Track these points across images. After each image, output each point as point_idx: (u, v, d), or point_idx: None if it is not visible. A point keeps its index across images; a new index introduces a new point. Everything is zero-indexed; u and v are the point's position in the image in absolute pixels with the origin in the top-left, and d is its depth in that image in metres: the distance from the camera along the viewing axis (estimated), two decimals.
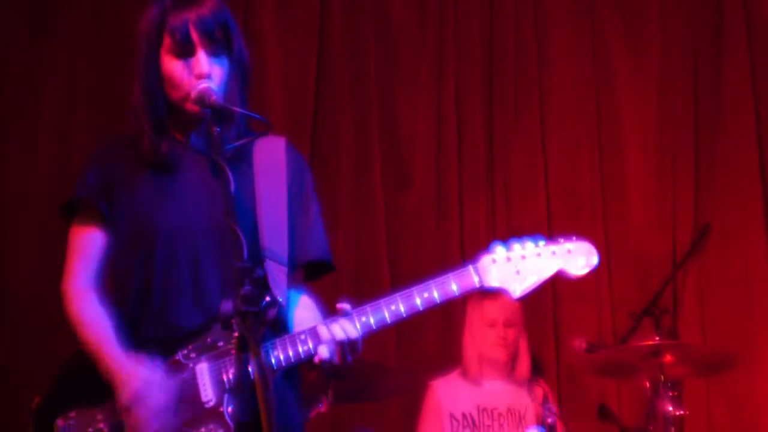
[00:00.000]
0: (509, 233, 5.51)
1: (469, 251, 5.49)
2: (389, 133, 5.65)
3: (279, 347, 2.59)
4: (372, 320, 2.60)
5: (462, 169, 5.57)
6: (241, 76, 2.71)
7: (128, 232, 2.70)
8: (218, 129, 2.53)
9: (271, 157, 2.77)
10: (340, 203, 5.51)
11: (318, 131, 5.61)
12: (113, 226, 2.71)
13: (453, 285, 2.62)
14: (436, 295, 2.62)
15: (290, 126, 5.50)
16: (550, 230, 5.43)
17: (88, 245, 2.73)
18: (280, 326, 2.67)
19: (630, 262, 5.35)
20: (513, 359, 4.62)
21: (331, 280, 2.99)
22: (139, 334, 2.63)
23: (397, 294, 2.63)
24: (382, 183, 5.58)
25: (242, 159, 2.72)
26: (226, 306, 2.24)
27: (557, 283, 5.46)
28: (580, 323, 5.24)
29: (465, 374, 4.66)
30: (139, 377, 2.54)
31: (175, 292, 2.64)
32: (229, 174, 2.42)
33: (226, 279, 2.50)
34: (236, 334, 2.26)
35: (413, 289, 2.63)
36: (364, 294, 5.35)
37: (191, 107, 2.63)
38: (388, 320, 2.61)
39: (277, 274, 2.66)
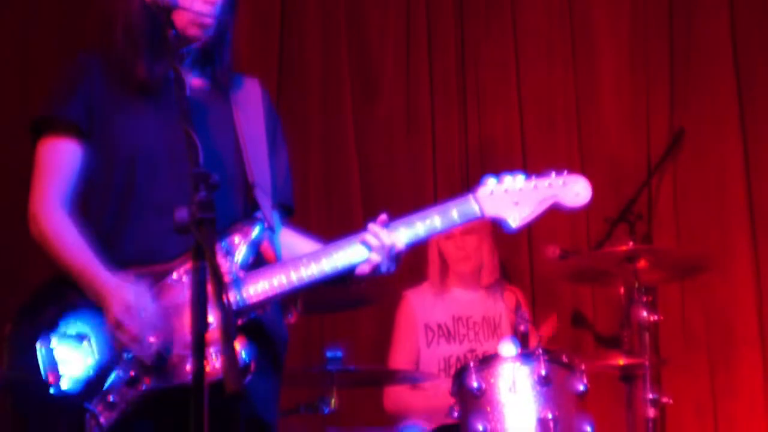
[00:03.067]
0: (481, 144, 5.50)
1: (441, 163, 5.46)
2: (358, 43, 5.55)
3: (277, 271, 2.54)
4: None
5: (433, 79, 5.49)
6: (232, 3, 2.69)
7: (106, 152, 2.61)
8: (174, 31, 2.51)
9: (248, 97, 2.75)
10: (308, 116, 5.43)
11: (285, 42, 5.51)
12: (90, 142, 2.62)
13: (454, 213, 2.62)
14: (438, 222, 2.61)
15: (257, 33, 5.41)
16: (524, 141, 5.40)
17: (61, 160, 2.62)
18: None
19: (604, 169, 5.30)
20: (478, 269, 4.57)
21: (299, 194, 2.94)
22: (116, 258, 2.53)
23: (399, 221, 2.60)
24: (351, 95, 5.50)
25: (221, 94, 2.70)
26: (181, 213, 2.15)
27: None
28: (553, 231, 5.21)
29: (439, 282, 4.62)
30: (130, 290, 2.46)
31: (155, 214, 2.55)
32: (185, 79, 2.37)
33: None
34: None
35: (414, 216, 2.61)
36: (333, 209, 5.39)
37: (193, 31, 2.60)
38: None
39: (265, 203, 2.63)
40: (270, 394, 2.64)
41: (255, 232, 2.57)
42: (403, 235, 2.58)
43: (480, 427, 3.57)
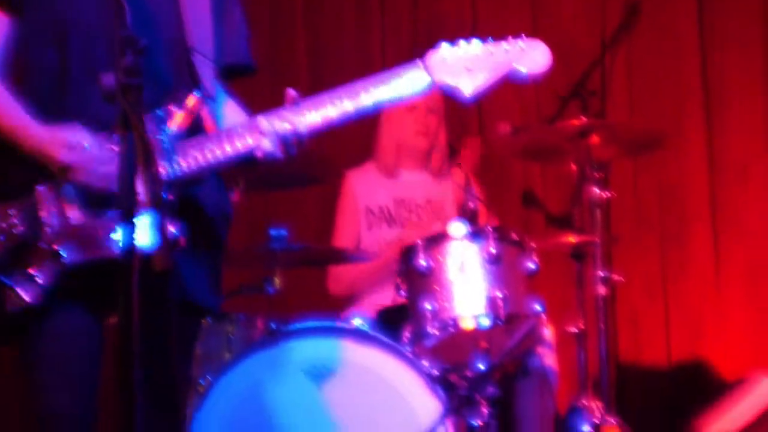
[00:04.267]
0: (431, 20, 5.38)
1: (390, 39, 5.37)
2: None
3: (213, 142, 2.40)
4: (318, 116, 2.42)
5: None
6: None
7: (38, 29, 2.46)
8: None
9: None
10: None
11: None
12: (21, 18, 2.47)
13: (402, 82, 2.44)
14: (384, 93, 2.44)
15: None
16: (475, 16, 5.29)
17: None
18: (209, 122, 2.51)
19: (558, 45, 5.16)
20: (431, 149, 4.46)
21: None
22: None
23: (341, 90, 2.44)
24: None
25: None
26: (108, 79, 2.02)
27: None
28: (505, 109, 5.13)
29: (381, 165, 4.50)
30: (65, 131, 2.35)
31: (93, 85, 2.37)
32: None
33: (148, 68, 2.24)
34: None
35: (358, 85, 2.44)
36: (278, 85, 5.26)
37: None
38: (335, 118, 2.43)
39: (204, 69, 2.50)
40: (206, 274, 2.52)
41: (191, 100, 2.42)
42: (307, 118, 2.43)
43: (428, 307, 3.49)
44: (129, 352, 1.85)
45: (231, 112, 2.64)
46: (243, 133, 2.43)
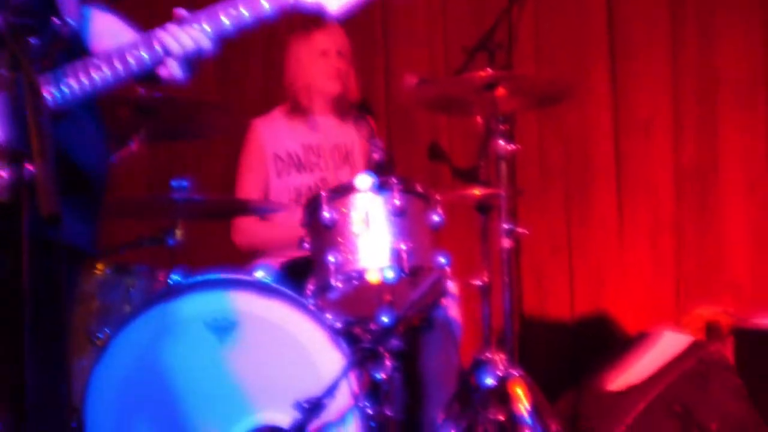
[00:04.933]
0: None
1: None
2: None
3: (104, 60, 2.30)
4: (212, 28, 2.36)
5: None
6: None
7: None
8: None
9: None
10: None
11: None
12: None
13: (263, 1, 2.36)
14: (244, 12, 2.35)
15: None
16: None
17: None
18: (77, 51, 2.39)
19: None
20: (342, 94, 4.41)
21: None
22: None
23: (202, 13, 2.37)
24: None
25: None
26: None
27: (388, 20, 5.36)
28: (411, 61, 5.09)
29: (291, 111, 4.43)
30: None
31: None
32: None
33: None
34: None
35: (217, 6, 2.37)
36: None
37: None
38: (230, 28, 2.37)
39: None
40: (78, 217, 2.43)
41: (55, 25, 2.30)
42: (198, 33, 2.36)
43: (332, 259, 3.44)
44: (18, 297, 1.78)
45: (108, 28, 2.54)
46: (136, 49, 2.34)
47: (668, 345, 4.41)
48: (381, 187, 3.50)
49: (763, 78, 5.29)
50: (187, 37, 2.35)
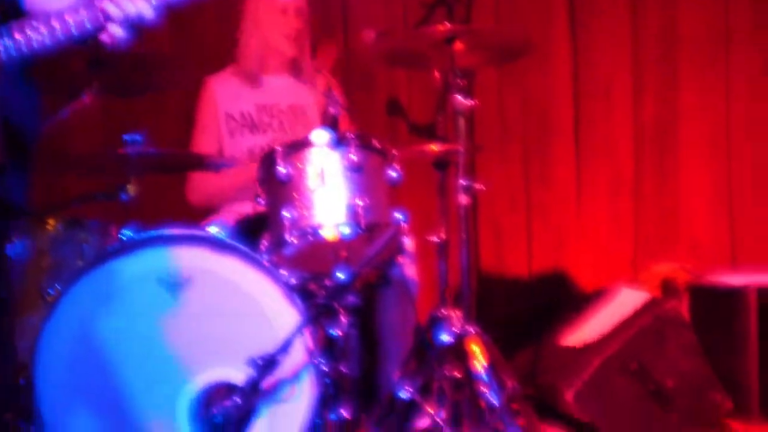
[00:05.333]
0: None
1: None
2: None
3: (25, 30, 2.24)
4: None
5: None
6: None
7: None
8: None
9: None
10: None
11: None
12: None
13: None
14: None
15: None
16: None
17: None
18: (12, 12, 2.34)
19: None
20: (298, 54, 4.35)
21: None
22: None
23: None
24: None
25: None
26: None
27: None
28: (370, 16, 5.04)
29: (244, 70, 4.37)
30: None
31: None
32: None
33: None
34: None
35: None
36: None
37: None
38: None
39: None
40: (14, 173, 2.39)
41: None
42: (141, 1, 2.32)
43: (287, 215, 3.40)
44: None
45: None
46: (76, 13, 2.29)
47: (625, 302, 4.41)
48: (337, 143, 3.45)
49: (722, 36, 5.29)
50: (129, 3, 2.29)
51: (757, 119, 5.39)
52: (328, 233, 3.39)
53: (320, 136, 3.47)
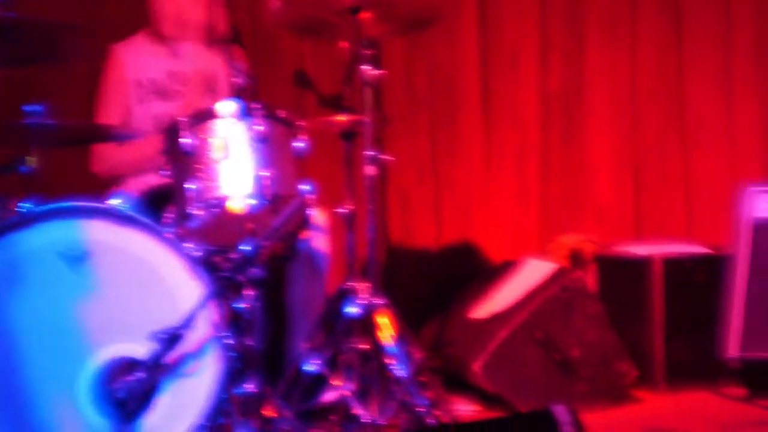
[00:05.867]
0: None
1: None
2: None
3: None
4: None
5: None
6: None
7: None
8: None
9: None
10: None
11: None
12: None
13: None
14: None
15: None
16: None
17: None
18: None
19: None
20: (208, 20, 4.27)
21: None
22: None
23: None
24: None
25: None
26: None
27: None
28: None
29: (154, 36, 4.29)
30: None
31: None
32: None
33: None
34: None
35: None
36: None
37: None
38: None
39: None
40: None
41: None
42: None
43: (192, 187, 3.35)
44: None
45: None
46: None
47: (532, 273, 4.44)
48: (243, 114, 3.41)
49: (627, 5, 5.34)
50: None
51: (661, 86, 5.46)
52: (234, 205, 3.35)
53: (225, 106, 3.42)
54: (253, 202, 3.34)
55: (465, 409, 4.06)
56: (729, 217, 4.93)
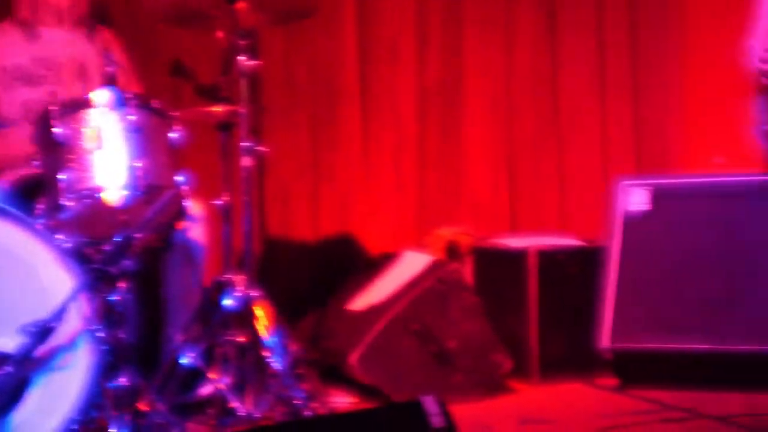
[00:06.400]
0: None
1: None
2: None
3: None
4: None
5: None
6: None
7: None
8: None
9: None
10: None
11: None
12: None
13: None
14: None
15: None
16: None
17: None
18: None
19: None
20: (73, 6, 4.19)
21: None
22: None
23: None
24: None
25: None
26: None
27: None
28: None
29: (19, 20, 4.19)
30: None
31: None
32: None
33: None
34: None
35: None
36: None
37: None
38: None
39: None
40: None
41: None
42: None
43: (63, 177, 3.28)
44: None
45: None
46: None
47: (409, 265, 4.46)
48: (116, 103, 3.35)
49: (504, 0, 5.40)
50: None
51: (537, 82, 5.53)
52: (107, 196, 3.29)
53: (98, 95, 3.36)
54: (127, 193, 3.29)
55: (342, 401, 4.06)
56: (602, 210, 5.02)
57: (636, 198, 4.49)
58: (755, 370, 4.17)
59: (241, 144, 3.78)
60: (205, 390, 3.68)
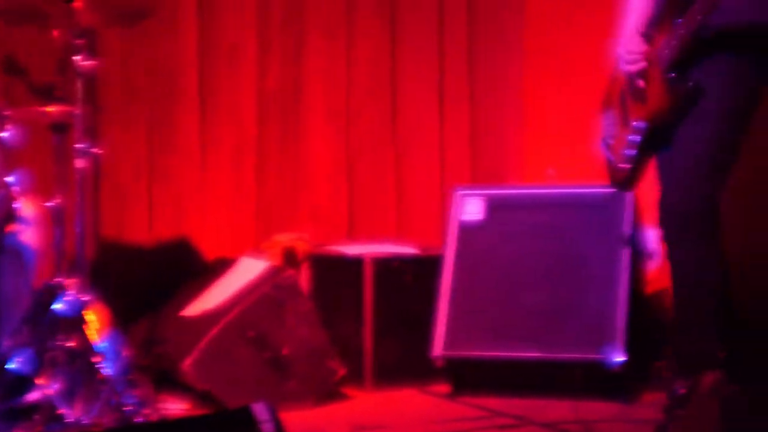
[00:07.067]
0: None
1: None
2: None
3: None
4: None
5: None
6: None
7: None
8: None
9: None
10: None
11: None
12: None
13: None
14: None
15: None
16: None
17: None
18: None
19: None
20: None
21: None
22: None
23: None
24: None
25: None
26: None
27: None
28: None
29: None
30: None
31: None
32: None
33: None
34: None
35: None
36: None
37: None
38: None
39: None
40: None
41: None
42: None
43: None
44: None
45: None
46: None
47: (245, 271, 4.44)
48: None
49: (345, 7, 5.43)
50: None
51: (376, 90, 5.57)
52: None
53: None
54: None
55: (175, 407, 4.02)
56: (439, 218, 5.10)
57: (471, 207, 4.57)
58: (581, 378, 4.29)
59: (76, 145, 3.71)
60: (33, 396, 3.59)
